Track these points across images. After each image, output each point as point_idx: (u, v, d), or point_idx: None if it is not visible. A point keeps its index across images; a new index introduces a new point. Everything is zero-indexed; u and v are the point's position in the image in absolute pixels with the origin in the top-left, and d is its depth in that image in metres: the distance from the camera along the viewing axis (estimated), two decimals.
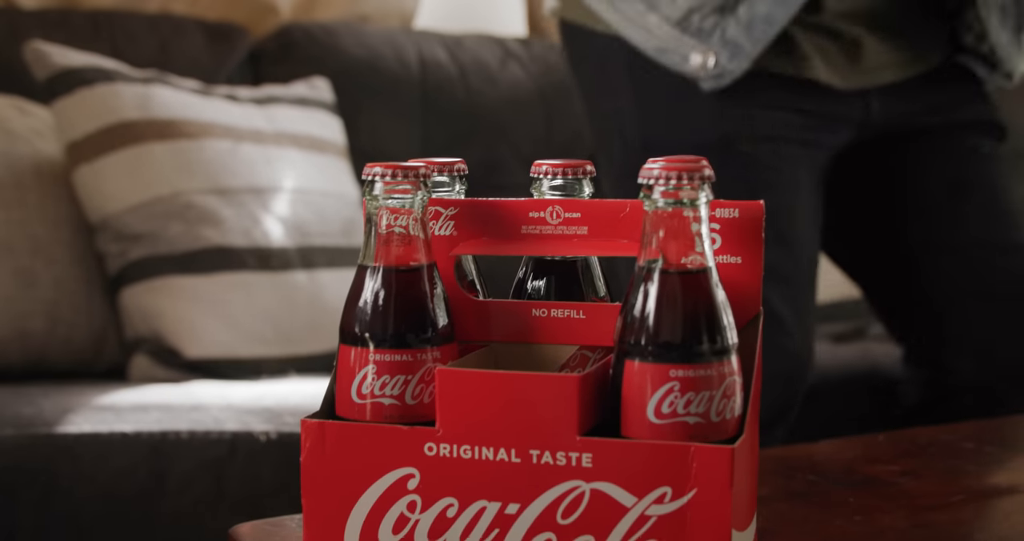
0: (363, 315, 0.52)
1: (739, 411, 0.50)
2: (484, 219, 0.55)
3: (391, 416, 0.52)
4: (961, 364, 1.13)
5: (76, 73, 1.34)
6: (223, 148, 1.37)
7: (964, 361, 1.13)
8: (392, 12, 1.82)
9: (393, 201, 0.52)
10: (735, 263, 0.53)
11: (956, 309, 1.13)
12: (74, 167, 1.32)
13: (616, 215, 0.54)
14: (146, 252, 1.30)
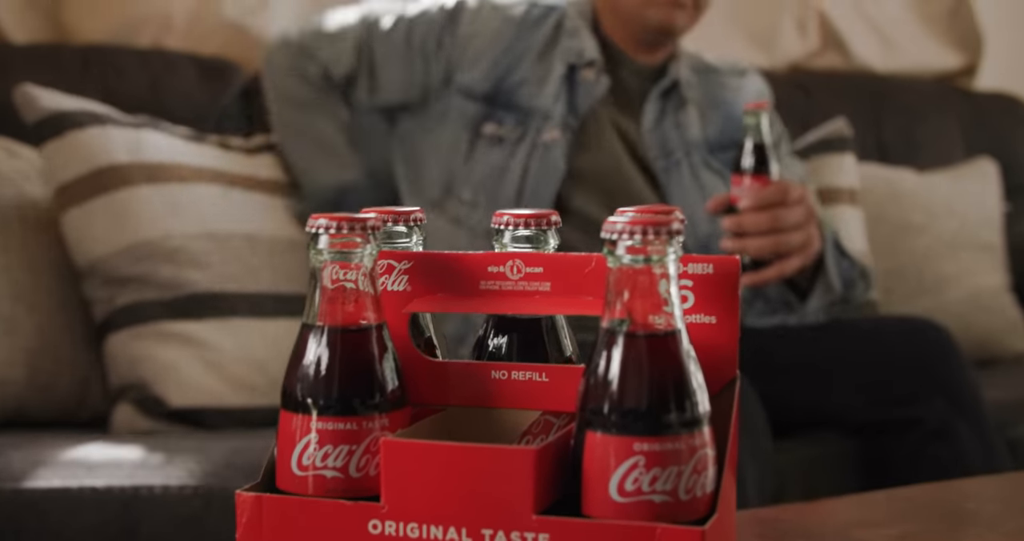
0: (305, 379, 0.48)
1: (711, 487, 0.45)
2: (440, 274, 0.51)
3: (334, 490, 0.47)
4: None
5: (66, 116, 1.32)
6: (214, 192, 1.34)
7: None
8: None
9: (339, 255, 0.48)
10: (709, 323, 0.49)
11: None
12: (62, 211, 1.29)
13: (581, 270, 0.50)
14: (134, 297, 1.26)
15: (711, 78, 1.45)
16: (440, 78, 1.34)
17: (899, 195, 1.82)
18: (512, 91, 1.31)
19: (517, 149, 1.29)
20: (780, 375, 1.28)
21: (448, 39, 1.34)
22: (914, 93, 2.09)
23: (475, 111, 1.31)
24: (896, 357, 1.25)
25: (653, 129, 1.35)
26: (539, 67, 1.32)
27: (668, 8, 1.30)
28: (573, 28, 1.34)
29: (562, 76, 1.31)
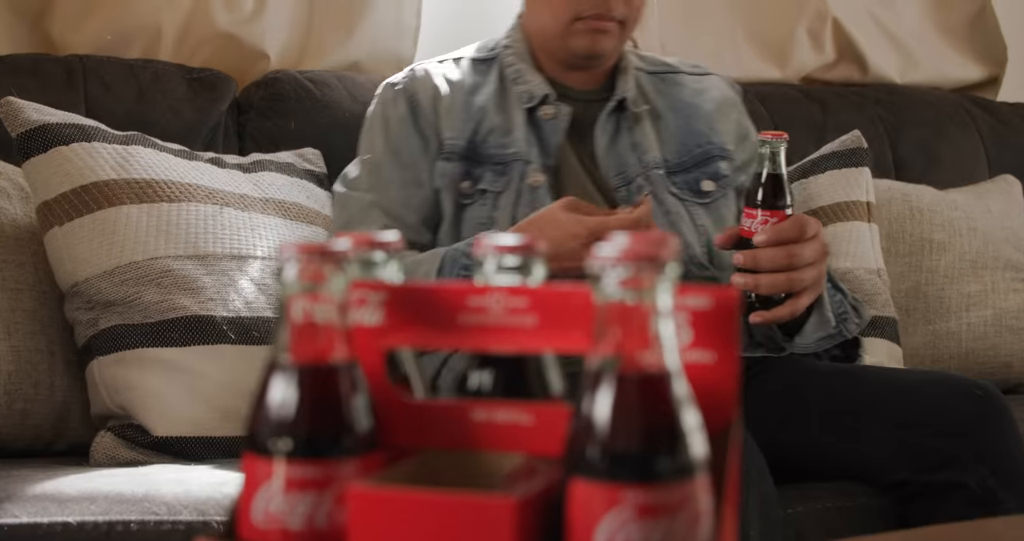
0: (269, 420, 0.45)
1: (707, 540, 0.42)
2: (418, 306, 0.48)
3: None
4: None
5: (51, 130, 1.28)
6: (205, 212, 1.29)
7: None
8: (386, 58, 1.76)
9: (308, 287, 0.45)
10: (707, 361, 0.46)
11: None
12: (45, 229, 1.25)
13: (568, 303, 0.46)
14: (118, 321, 1.22)
15: (668, 79, 1.42)
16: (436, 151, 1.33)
17: (919, 212, 1.77)
18: (484, 143, 1.31)
19: (500, 200, 1.28)
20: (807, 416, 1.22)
21: (423, 122, 1.33)
22: (934, 106, 2.04)
23: (456, 171, 1.30)
24: (941, 415, 1.17)
25: (607, 154, 1.33)
26: (501, 117, 1.32)
27: (591, 34, 1.30)
28: (516, 72, 1.35)
29: (525, 121, 1.31)
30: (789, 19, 2.01)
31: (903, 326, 1.70)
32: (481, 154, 1.30)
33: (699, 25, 1.96)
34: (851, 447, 1.20)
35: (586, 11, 1.29)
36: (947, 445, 1.16)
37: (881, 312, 1.57)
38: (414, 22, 1.79)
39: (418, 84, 1.35)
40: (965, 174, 1.96)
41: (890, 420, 1.18)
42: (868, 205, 1.64)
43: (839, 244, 1.58)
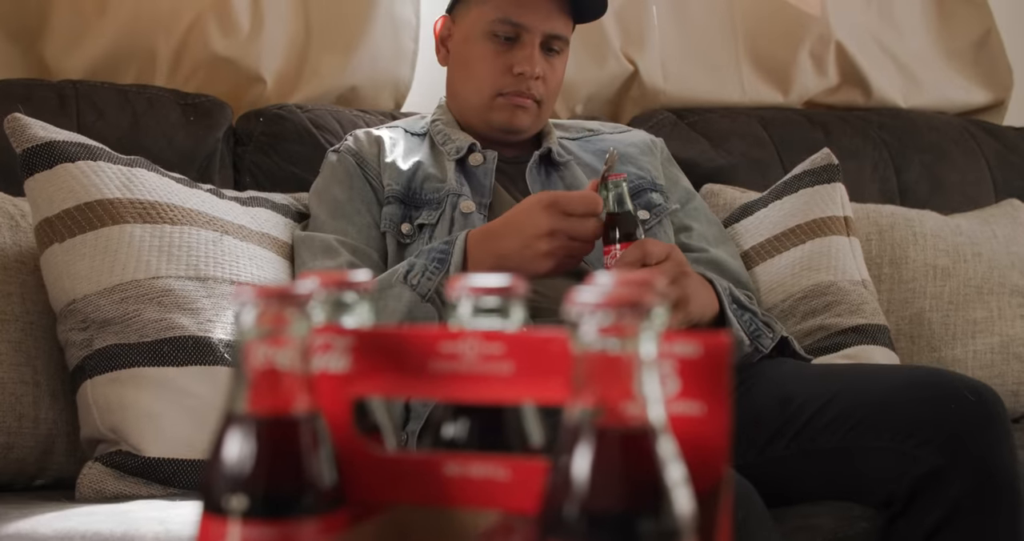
0: (224, 477, 0.42)
1: None
2: (387, 352, 0.45)
3: None
4: None
5: (58, 147, 1.26)
6: (207, 237, 1.28)
7: None
8: (384, 83, 1.74)
9: (268, 332, 0.42)
10: (696, 414, 0.43)
11: None
12: (44, 247, 1.23)
13: (547, 349, 0.43)
14: (114, 340, 1.19)
15: (591, 139, 1.50)
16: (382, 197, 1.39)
17: (923, 237, 1.74)
18: (421, 189, 1.36)
19: (435, 231, 1.32)
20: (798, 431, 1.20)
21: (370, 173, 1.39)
22: (938, 130, 2.01)
23: (397, 214, 1.35)
24: (932, 424, 1.14)
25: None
26: (435, 168, 1.38)
27: (510, 109, 1.38)
28: (443, 135, 1.42)
29: (456, 169, 1.37)
30: (792, 43, 1.99)
31: (907, 353, 1.66)
32: (418, 199, 1.36)
33: (700, 49, 1.94)
34: (843, 463, 1.18)
35: (507, 88, 1.37)
36: (937, 456, 1.13)
37: (871, 320, 1.54)
38: (412, 47, 1.77)
39: (360, 144, 1.43)
40: (970, 199, 1.93)
41: (881, 430, 1.16)
42: (845, 219, 1.62)
43: (820, 259, 1.57)
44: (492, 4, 1.37)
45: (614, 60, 1.87)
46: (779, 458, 1.20)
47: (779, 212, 1.63)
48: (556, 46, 1.39)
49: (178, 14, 1.59)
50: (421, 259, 1.21)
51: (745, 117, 1.89)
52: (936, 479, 1.12)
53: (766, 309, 1.56)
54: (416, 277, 1.20)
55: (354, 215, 1.36)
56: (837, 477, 1.19)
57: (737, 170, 1.80)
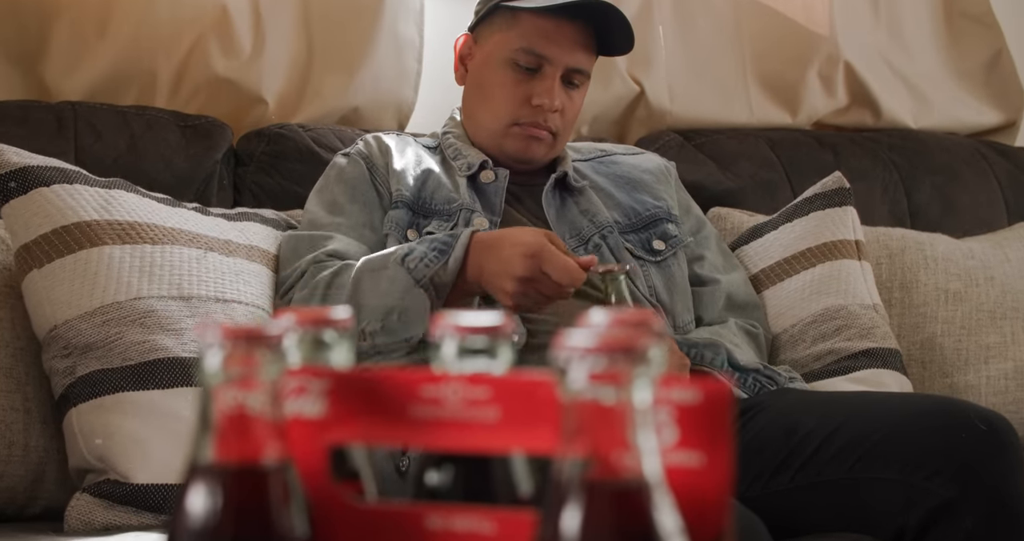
0: (188, 531, 0.39)
1: None
2: (365, 396, 0.42)
3: None
4: None
5: (32, 172, 1.24)
6: (190, 255, 1.26)
7: None
8: (387, 104, 1.72)
9: (235, 375, 0.39)
10: (695, 465, 0.40)
11: None
12: (23, 273, 1.22)
13: (536, 394, 0.41)
14: (97, 366, 1.17)
15: (605, 161, 1.49)
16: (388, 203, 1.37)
17: (934, 261, 1.71)
18: (432, 199, 1.34)
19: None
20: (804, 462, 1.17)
21: (378, 179, 1.38)
22: (949, 152, 1.98)
23: (404, 219, 1.33)
24: (943, 455, 1.11)
25: (558, 221, 1.37)
26: (446, 180, 1.37)
27: (525, 140, 1.36)
28: (454, 150, 1.40)
29: (467, 186, 1.35)
30: (800, 63, 1.96)
31: (919, 379, 1.63)
32: (428, 208, 1.34)
33: (707, 69, 1.92)
34: (850, 495, 1.16)
35: (523, 119, 1.35)
36: (948, 488, 1.10)
37: (882, 344, 1.52)
38: (415, 67, 1.75)
39: (371, 148, 1.41)
40: (982, 222, 1.90)
41: (889, 461, 1.14)
42: (857, 243, 1.60)
43: (831, 283, 1.54)
44: (517, 31, 1.35)
45: (620, 81, 1.84)
46: (785, 490, 1.17)
47: (789, 235, 1.60)
48: (577, 80, 1.38)
49: (179, 35, 1.58)
50: (421, 246, 1.19)
51: (753, 138, 1.86)
52: (948, 512, 1.09)
53: (776, 334, 1.53)
54: (414, 261, 1.17)
55: (350, 214, 1.34)
56: (845, 510, 1.16)
57: (745, 192, 1.78)
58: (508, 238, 1.16)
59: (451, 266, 1.16)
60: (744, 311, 1.48)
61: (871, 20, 2.04)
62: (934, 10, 2.10)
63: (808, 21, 1.97)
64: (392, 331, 1.18)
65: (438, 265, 1.16)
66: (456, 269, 1.16)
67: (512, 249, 1.13)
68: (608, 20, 1.35)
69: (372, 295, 1.18)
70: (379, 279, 1.18)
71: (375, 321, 1.18)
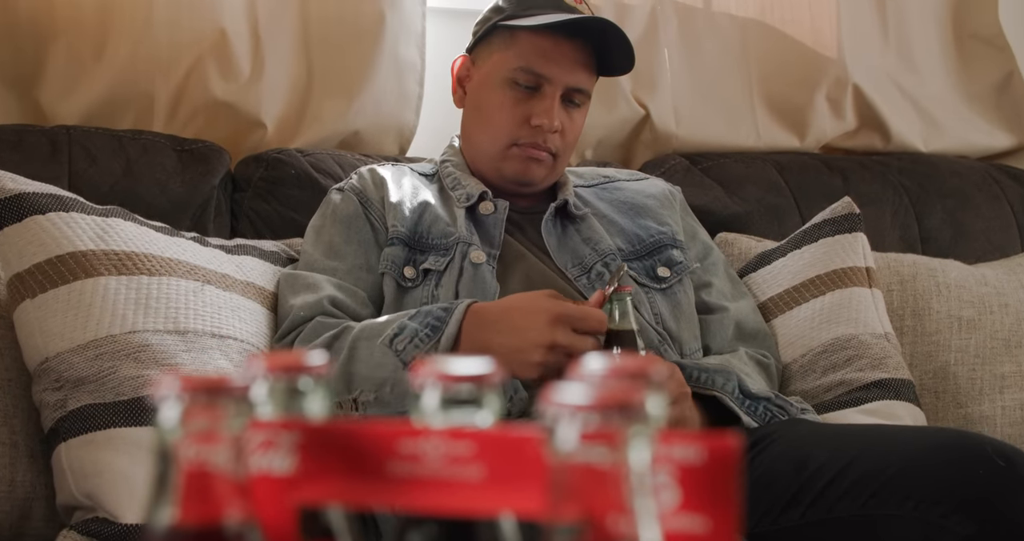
0: None
1: None
2: (339, 451, 0.39)
3: None
4: None
5: (28, 199, 1.22)
6: (186, 287, 1.23)
7: None
8: (388, 128, 1.69)
9: (193, 429, 0.36)
10: (699, 530, 0.36)
11: None
12: (16, 303, 1.19)
13: (524, 451, 0.37)
14: (88, 400, 1.14)
15: (608, 187, 1.47)
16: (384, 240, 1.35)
17: (946, 288, 1.67)
18: (428, 232, 1.32)
19: (443, 278, 1.28)
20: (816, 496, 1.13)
21: (373, 214, 1.35)
22: (961, 175, 1.95)
23: (400, 256, 1.30)
24: (959, 490, 1.07)
25: (560, 250, 1.35)
26: (444, 212, 1.34)
27: (524, 161, 1.34)
28: (453, 180, 1.37)
29: (465, 217, 1.34)
30: (808, 85, 1.93)
31: (932, 410, 1.59)
32: (424, 243, 1.32)
33: (713, 92, 1.89)
34: (863, 533, 1.11)
35: (522, 139, 1.33)
36: (966, 525, 1.06)
37: (894, 375, 1.48)
38: (417, 90, 1.73)
39: (364, 182, 1.38)
40: (995, 247, 1.87)
41: (905, 497, 1.09)
42: (867, 270, 1.56)
43: (841, 311, 1.50)
44: (515, 51, 1.33)
45: (624, 104, 1.82)
46: (795, 526, 1.13)
47: (798, 262, 1.57)
48: (577, 99, 1.35)
49: (177, 58, 1.55)
50: (414, 322, 1.16)
51: (760, 162, 1.84)
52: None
53: (786, 364, 1.49)
54: (403, 342, 1.14)
55: (347, 256, 1.32)
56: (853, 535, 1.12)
57: (752, 217, 1.74)
58: (517, 309, 1.12)
59: (443, 345, 1.13)
60: (755, 340, 1.45)
61: (880, 42, 2.01)
62: (944, 32, 2.07)
63: (816, 43, 1.95)
64: (386, 403, 1.15)
65: (428, 345, 1.13)
66: (449, 347, 1.13)
67: (530, 320, 1.09)
68: (608, 39, 1.33)
69: (366, 365, 1.15)
70: (373, 350, 1.15)
71: (369, 391, 1.15)
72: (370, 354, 1.15)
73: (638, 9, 1.83)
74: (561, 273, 1.33)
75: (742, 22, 1.91)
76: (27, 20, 1.50)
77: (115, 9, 1.52)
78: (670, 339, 1.32)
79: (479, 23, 1.40)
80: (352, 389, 1.15)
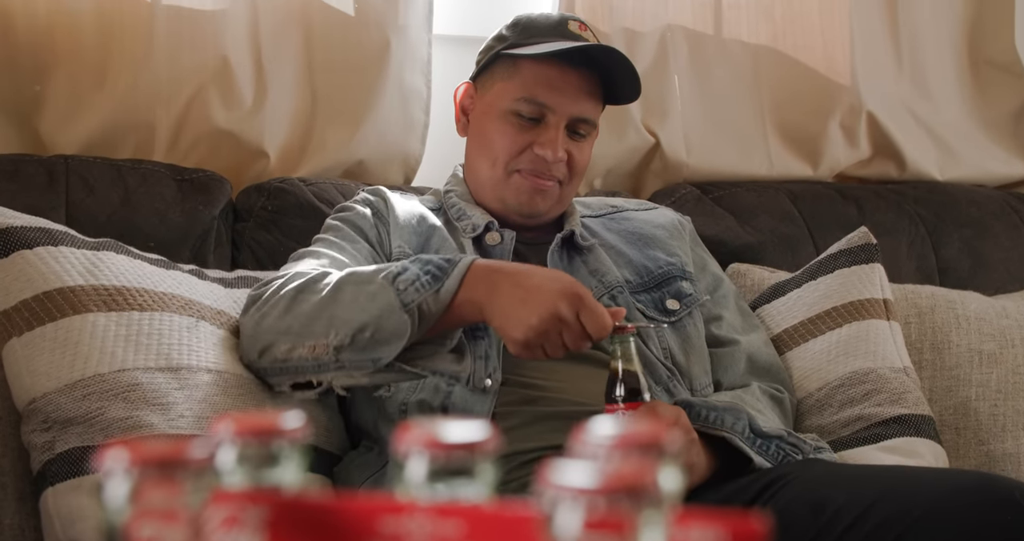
0: None
1: None
2: (313, 529, 0.35)
3: None
4: None
5: (15, 233, 1.19)
6: (180, 323, 1.19)
7: None
8: (393, 157, 1.66)
9: (146, 506, 0.32)
10: None
11: None
12: (3, 341, 1.16)
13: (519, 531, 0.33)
14: (77, 443, 1.10)
15: (616, 217, 1.44)
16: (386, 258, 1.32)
17: (966, 321, 1.63)
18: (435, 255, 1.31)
19: None
20: None
21: (381, 228, 1.33)
22: (978, 204, 1.91)
23: None
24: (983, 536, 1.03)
25: None
26: (451, 240, 1.31)
27: (528, 194, 1.31)
28: (458, 211, 1.34)
29: (472, 249, 1.31)
30: (821, 113, 1.90)
31: (953, 447, 1.54)
32: None
33: (724, 120, 1.86)
34: None
35: (524, 165, 1.29)
36: None
37: (914, 411, 1.43)
38: (422, 119, 1.70)
39: (375, 197, 1.36)
40: (1015, 278, 1.83)
41: None
42: (885, 302, 1.52)
43: (858, 344, 1.46)
44: (518, 81, 1.30)
45: (634, 132, 1.78)
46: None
47: (813, 293, 1.53)
48: (582, 130, 1.32)
49: (178, 86, 1.53)
50: (414, 266, 1.12)
51: (773, 191, 1.80)
52: None
53: (801, 398, 1.45)
54: (405, 283, 1.10)
55: (355, 241, 1.29)
56: None
57: (765, 248, 1.71)
58: (539, 273, 1.10)
59: (443, 295, 1.10)
60: (768, 374, 1.41)
61: (894, 69, 1.98)
62: (959, 58, 2.04)
63: (829, 70, 1.91)
64: (360, 348, 1.11)
65: (428, 292, 1.10)
66: (448, 298, 1.10)
67: (548, 285, 1.07)
68: (613, 67, 1.30)
69: (349, 307, 1.11)
70: (360, 292, 1.12)
71: (345, 335, 1.11)
72: (355, 297, 1.12)
73: (648, 36, 1.80)
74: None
75: (753, 49, 1.88)
76: (27, 49, 1.48)
77: (116, 37, 1.50)
78: (679, 374, 1.28)
79: (482, 52, 1.38)
80: (328, 333, 1.11)
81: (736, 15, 1.87)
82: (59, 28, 1.48)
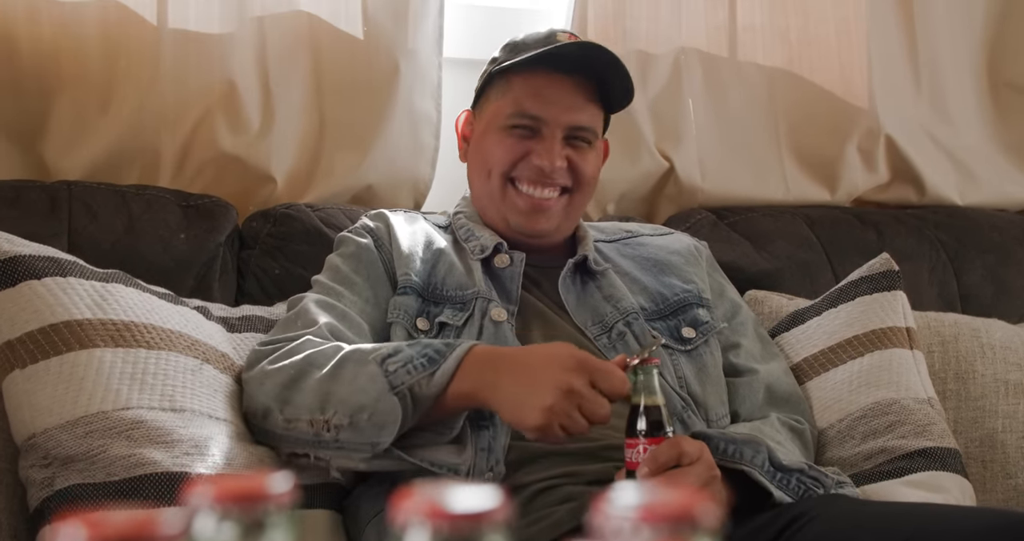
0: None
1: None
2: None
3: None
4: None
5: (23, 262, 1.16)
6: (186, 365, 1.16)
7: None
8: (402, 181, 1.63)
9: None
10: None
11: None
12: (5, 372, 1.12)
13: None
14: (77, 480, 1.07)
15: (631, 242, 1.41)
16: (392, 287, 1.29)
17: (991, 349, 1.58)
18: (443, 284, 1.26)
19: (463, 334, 1.21)
20: None
21: (384, 257, 1.30)
22: (1000, 229, 1.87)
23: (412, 306, 1.24)
24: None
25: (579, 308, 1.28)
26: (459, 263, 1.29)
27: (527, 213, 1.28)
28: (466, 232, 1.32)
29: (481, 270, 1.28)
30: (838, 137, 1.87)
31: (979, 480, 1.49)
32: (439, 295, 1.25)
33: (741, 144, 1.83)
34: None
35: (520, 173, 1.27)
36: None
37: (940, 443, 1.39)
38: (432, 143, 1.67)
39: (376, 224, 1.34)
40: None
41: None
42: (908, 331, 1.48)
43: (881, 374, 1.42)
44: (511, 97, 1.29)
45: (648, 156, 1.75)
46: None
47: (834, 321, 1.48)
48: (582, 137, 1.29)
49: (184, 111, 1.50)
50: (411, 349, 1.09)
51: (790, 216, 1.76)
52: None
53: (821, 430, 1.40)
54: (395, 364, 1.07)
55: (355, 285, 1.26)
56: None
57: (783, 274, 1.67)
58: (537, 351, 1.06)
59: (437, 379, 1.06)
60: (787, 405, 1.36)
61: (912, 92, 1.94)
62: (979, 81, 2.01)
63: (846, 93, 1.88)
64: (359, 430, 1.08)
65: (422, 375, 1.06)
66: (444, 383, 1.06)
67: (550, 362, 1.03)
68: (604, 70, 1.27)
69: (348, 387, 1.08)
70: (360, 372, 1.08)
71: (344, 415, 1.08)
72: (355, 376, 1.08)
73: (661, 59, 1.77)
74: (580, 331, 1.26)
75: (769, 71, 1.85)
76: (31, 74, 1.46)
77: (121, 61, 1.48)
78: (695, 404, 1.24)
79: (479, 78, 1.36)
80: (326, 409, 1.08)
81: (751, 37, 1.84)
82: (64, 52, 1.46)
